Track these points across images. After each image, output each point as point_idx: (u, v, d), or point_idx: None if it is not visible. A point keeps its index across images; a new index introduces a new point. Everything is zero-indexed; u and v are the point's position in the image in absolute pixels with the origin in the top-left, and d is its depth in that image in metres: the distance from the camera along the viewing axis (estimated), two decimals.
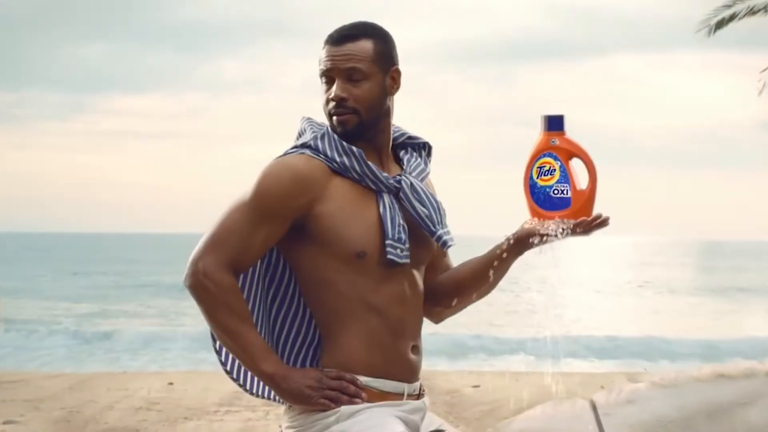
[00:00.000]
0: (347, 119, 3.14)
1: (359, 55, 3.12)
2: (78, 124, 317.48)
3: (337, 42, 3.13)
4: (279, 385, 3.09)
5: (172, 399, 14.43)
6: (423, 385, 3.27)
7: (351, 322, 3.15)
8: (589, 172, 3.17)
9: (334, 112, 3.14)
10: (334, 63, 3.12)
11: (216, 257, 3.05)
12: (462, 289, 3.39)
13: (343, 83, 3.12)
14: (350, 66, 3.11)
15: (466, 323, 32.78)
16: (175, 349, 29.21)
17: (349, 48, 3.12)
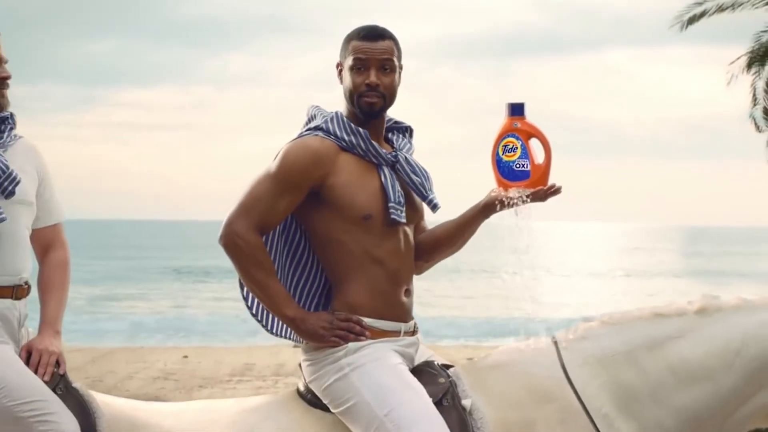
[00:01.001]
0: (376, 102, 3.66)
1: (389, 51, 3.66)
2: (89, 117, 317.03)
3: (373, 39, 3.65)
4: (298, 326, 3.62)
5: (187, 370, 14.94)
6: (416, 324, 3.81)
7: (357, 273, 3.67)
8: (545, 149, 3.71)
9: (366, 94, 3.65)
10: (370, 54, 3.64)
11: (246, 221, 3.57)
12: (438, 246, 3.92)
13: (376, 72, 3.64)
14: (385, 57, 3.65)
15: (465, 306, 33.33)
16: (185, 327, 29.73)
17: (383, 44, 3.65)
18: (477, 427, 3.63)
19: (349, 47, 3.67)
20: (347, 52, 3.68)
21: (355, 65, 3.65)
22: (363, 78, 3.63)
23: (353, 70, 3.65)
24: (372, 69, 3.64)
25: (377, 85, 3.64)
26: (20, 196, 3.67)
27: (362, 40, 3.65)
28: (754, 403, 3.77)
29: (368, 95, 3.65)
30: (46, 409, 3.52)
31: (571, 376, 3.74)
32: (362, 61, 3.64)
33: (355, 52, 3.65)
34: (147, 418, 3.72)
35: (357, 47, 3.65)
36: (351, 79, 3.66)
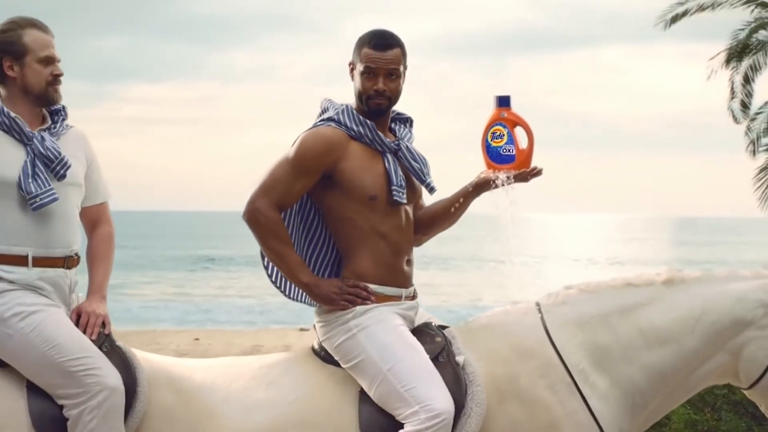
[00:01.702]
0: (382, 103, 4.00)
1: (396, 60, 3.99)
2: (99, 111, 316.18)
3: (382, 48, 3.97)
4: (312, 291, 3.97)
5: (199, 351, 15.23)
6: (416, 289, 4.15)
7: (364, 246, 4.01)
8: (528, 136, 4.07)
9: (373, 97, 3.98)
10: (379, 64, 3.96)
11: (267, 200, 3.93)
12: (434, 222, 4.27)
13: (384, 79, 3.97)
14: (391, 68, 3.98)
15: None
16: (192, 312, 29.87)
17: (391, 54, 3.98)
18: (469, 381, 3.92)
19: (361, 54, 3.97)
20: (359, 57, 3.99)
21: (366, 72, 3.96)
22: (372, 84, 3.96)
23: (364, 75, 3.97)
24: (380, 76, 3.96)
25: (384, 91, 3.97)
26: (71, 178, 3.95)
27: (373, 49, 3.96)
28: (712, 363, 4.09)
29: (376, 99, 3.98)
30: (92, 364, 3.80)
31: (552, 336, 4.04)
32: (372, 69, 3.96)
33: (366, 61, 3.96)
34: (181, 371, 4.02)
35: (368, 56, 3.96)
36: (361, 83, 3.98)
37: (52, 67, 3.97)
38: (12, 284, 3.86)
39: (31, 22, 4.02)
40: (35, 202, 3.85)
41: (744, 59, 12.16)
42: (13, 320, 3.82)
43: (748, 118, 12.60)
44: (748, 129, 12.66)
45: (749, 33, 12.00)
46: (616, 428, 4.01)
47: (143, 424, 3.90)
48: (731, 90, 12.36)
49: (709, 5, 12.03)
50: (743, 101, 12.41)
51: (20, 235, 3.90)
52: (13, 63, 3.94)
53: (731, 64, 12.18)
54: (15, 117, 3.90)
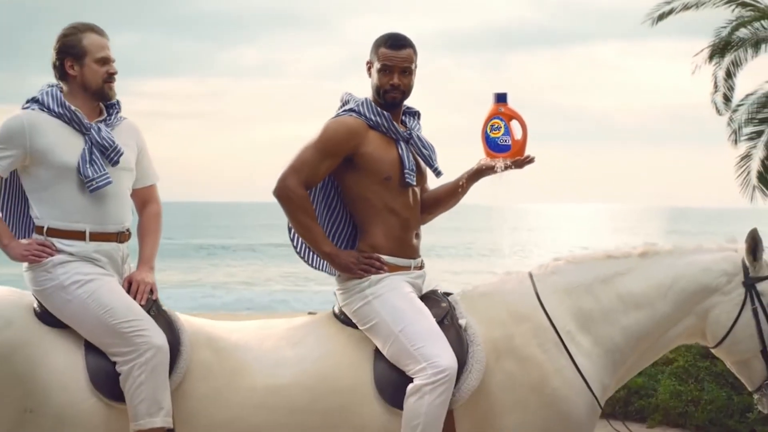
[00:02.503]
0: (396, 97, 4.28)
1: (409, 59, 4.28)
2: None
3: (397, 48, 4.25)
4: (333, 260, 4.27)
5: None
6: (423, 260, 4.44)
7: (378, 221, 4.30)
8: (522, 129, 4.34)
9: (390, 91, 4.27)
10: (394, 62, 4.25)
11: (295, 179, 4.21)
12: (438, 203, 4.54)
13: (398, 75, 4.26)
14: (405, 65, 4.27)
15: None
16: (204, 298, 29.89)
17: (404, 53, 4.27)
18: (470, 341, 4.18)
19: (379, 53, 4.26)
20: (377, 56, 4.28)
21: (383, 69, 4.25)
22: (388, 79, 4.25)
23: (381, 72, 4.26)
24: (395, 73, 4.25)
25: (399, 85, 4.27)
26: (123, 164, 4.23)
27: (389, 49, 4.25)
28: (682, 325, 4.38)
29: (392, 93, 4.28)
30: (141, 326, 4.07)
31: (543, 302, 4.31)
32: (388, 67, 4.25)
33: (383, 59, 4.25)
34: (219, 332, 4.28)
35: (384, 54, 4.25)
36: (379, 78, 4.26)
37: (107, 67, 4.22)
38: (71, 256, 4.11)
39: (90, 27, 4.27)
40: (92, 185, 4.11)
41: (726, 55, 12.30)
42: (73, 287, 4.07)
43: (730, 110, 12.78)
44: (730, 120, 12.79)
45: (731, 31, 12.15)
46: (598, 382, 4.26)
47: (185, 378, 4.12)
48: (714, 84, 12.52)
49: (693, 4, 12.16)
50: (725, 94, 12.56)
51: (79, 213, 4.15)
52: (73, 63, 4.20)
53: (714, 60, 12.33)
54: (75, 110, 4.16)
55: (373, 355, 4.23)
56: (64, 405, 4.05)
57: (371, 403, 4.16)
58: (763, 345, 4.31)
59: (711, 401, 8.98)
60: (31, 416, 4.04)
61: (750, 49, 12.32)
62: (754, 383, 4.40)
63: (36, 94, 4.25)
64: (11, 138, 4.12)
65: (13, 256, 4.16)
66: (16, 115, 4.19)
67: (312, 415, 4.13)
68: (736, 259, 4.38)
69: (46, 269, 4.12)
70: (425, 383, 4.04)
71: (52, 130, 4.16)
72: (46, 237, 4.16)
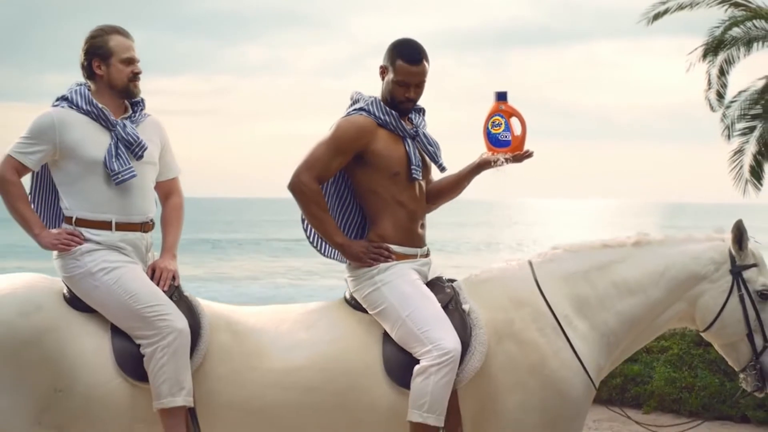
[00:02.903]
0: (410, 107, 4.43)
1: (424, 73, 4.42)
2: None
3: (414, 63, 4.39)
4: (344, 250, 4.42)
5: None
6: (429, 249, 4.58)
7: (387, 213, 4.44)
8: (521, 125, 4.48)
9: (404, 102, 4.41)
10: (411, 79, 4.41)
11: (309, 174, 4.35)
12: (442, 194, 4.68)
13: (414, 88, 4.40)
14: (419, 80, 4.41)
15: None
16: (208, 292, 29.92)
17: (420, 68, 4.40)
18: (473, 325, 4.32)
19: (396, 66, 4.37)
20: (393, 68, 4.39)
21: (399, 83, 4.39)
22: (404, 92, 4.39)
23: (396, 84, 4.39)
24: (411, 87, 4.40)
25: (413, 99, 4.44)
26: (147, 158, 4.36)
27: (407, 64, 4.37)
28: (672, 310, 4.54)
29: (406, 104, 4.43)
30: (164, 310, 4.19)
31: (541, 288, 4.45)
32: (405, 82, 4.38)
33: (401, 75, 4.38)
34: (237, 316, 4.42)
35: (402, 69, 4.37)
36: (394, 89, 4.40)
37: (132, 67, 4.36)
38: (98, 245, 4.25)
39: (115, 29, 4.40)
40: (117, 178, 4.25)
41: (719, 54, 12.39)
42: (100, 274, 4.21)
43: (723, 107, 12.86)
44: (723, 116, 12.85)
45: (724, 30, 12.21)
46: (594, 363, 4.40)
47: (206, 360, 4.25)
48: (708, 81, 12.55)
49: (687, 4, 12.19)
50: (719, 91, 12.60)
51: (105, 204, 4.29)
52: (100, 63, 4.35)
53: (708, 58, 12.40)
54: (102, 107, 4.30)
55: (381, 338, 4.36)
56: (92, 385, 4.17)
57: (380, 383, 4.29)
58: (749, 329, 4.47)
59: (704, 387, 9.15)
60: (61, 396, 4.16)
61: (742, 48, 12.42)
62: (741, 364, 4.56)
63: (65, 92, 4.38)
64: (42, 134, 4.26)
65: (43, 244, 4.29)
66: (46, 112, 4.33)
67: (325, 395, 4.25)
68: (723, 249, 4.54)
69: (74, 257, 4.25)
70: (431, 364, 4.17)
71: (80, 127, 4.29)
72: (74, 227, 4.30)
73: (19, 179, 4.33)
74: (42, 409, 4.18)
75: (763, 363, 4.48)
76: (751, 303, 4.48)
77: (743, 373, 4.56)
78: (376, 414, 4.30)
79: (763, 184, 12.93)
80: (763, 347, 4.48)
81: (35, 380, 4.15)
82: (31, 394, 4.15)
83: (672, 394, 9.24)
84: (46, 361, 4.15)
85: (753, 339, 4.49)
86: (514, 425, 4.32)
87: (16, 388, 4.13)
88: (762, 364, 4.48)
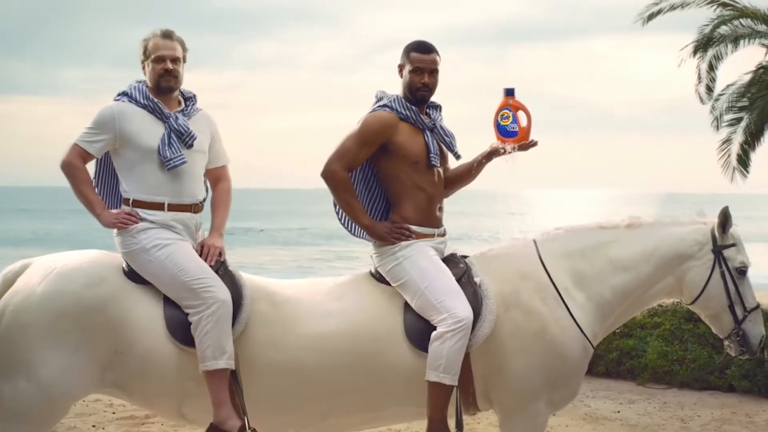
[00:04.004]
0: (426, 94, 4.66)
1: (435, 62, 4.65)
2: None
3: (426, 52, 4.65)
4: (370, 230, 4.67)
5: None
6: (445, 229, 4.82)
7: (408, 197, 4.69)
8: (527, 118, 4.72)
9: (421, 89, 4.63)
10: (425, 65, 4.65)
11: (339, 163, 4.60)
12: (457, 180, 4.91)
13: (428, 75, 4.64)
14: (434, 68, 4.64)
15: None
16: None
17: (432, 57, 4.66)
18: (484, 296, 4.54)
19: (410, 57, 4.63)
20: (408, 60, 4.64)
21: (414, 70, 4.63)
22: (419, 79, 4.63)
23: (413, 72, 4.64)
24: (425, 73, 4.63)
25: (428, 84, 4.66)
26: (196, 147, 4.59)
27: (419, 53, 4.63)
28: (661, 284, 4.81)
29: (422, 90, 4.66)
30: (209, 283, 4.38)
31: (545, 263, 4.69)
32: (419, 69, 4.63)
33: (415, 63, 4.63)
34: (275, 288, 4.63)
35: (416, 58, 4.63)
36: (411, 78, 4.64)
37: (162, 64, 4.54)
38: (152, 224, 4.47)
39: (156, 32, 4.62)
40: (170, 164, 4.48)
41: (708, 50, 12.57)
42: (153, 250, 4.43)
43: (713, 99, 13.02)
44: (712, 108, 12.97)
45: (713, 28, 12.39)
46: (590, 329, 4.66)
47: (247, 327, 4.44)
48: (698, 76, 12.70)
49: (679, 5, 12.34)
50: (708, 85, 12.70)
51: (159, 188, 4.51)
52: (144, 64, 4.62)
53: (698, 54, 12.59)
54: (157, 101, 4.54)
55: (403, 307, 4.58)
56: (147, 348, 4.39)
57: (401, 347, 4.51)
58: (730, 301, 4.76)
59: (694, 360, 9.39)
60: (121, 357, 4.40)
61: (730, 45, 12.56)
62: (724, 332, 4.85)
63: (125, 88, 4.62)
64: (104, 124, 4.50)
65: (104, 223, 4.53)
66: (108, 105, 4.56)
67: (352, 357, 4.47)
68: (705, 231, 4.82)
69: (131, 234, 4.48)
70: (446, 330, 4.40)
71: (137, 118, 4.52)
72: (132, 207, 4.52)
73: (84, 165, 4.54)
74: (105, 368, 4.41)
75: (745, 330, 4.76)
76: (731, 278, 4.75)
77: (728, 340, 4.84)
78: (398, 374, 4.51)
79: (749, 172, 13.12)
80: (743, 317, 4.76)
81: (99, 343, 4.37)
82: (96, 356, 4.37)
83: (664, 367, 9.47)
84: (108, 326, 4.37)
85: (734, 310, 4.76)
86: (519, 383, 4.55)
87: (83, 350, 4.35)
88: (743, 331, 4.76)
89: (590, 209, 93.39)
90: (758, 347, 4.83)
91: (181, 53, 4.63)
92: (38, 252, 5.34)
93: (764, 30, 12.48)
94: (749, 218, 67.77)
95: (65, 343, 4.34)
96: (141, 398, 4.58)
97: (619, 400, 8.98)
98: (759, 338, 4.80)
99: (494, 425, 7.22)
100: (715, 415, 8.45)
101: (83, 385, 4.42)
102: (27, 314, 4.36)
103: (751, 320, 4.79)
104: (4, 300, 4.45)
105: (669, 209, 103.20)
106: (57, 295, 4.38)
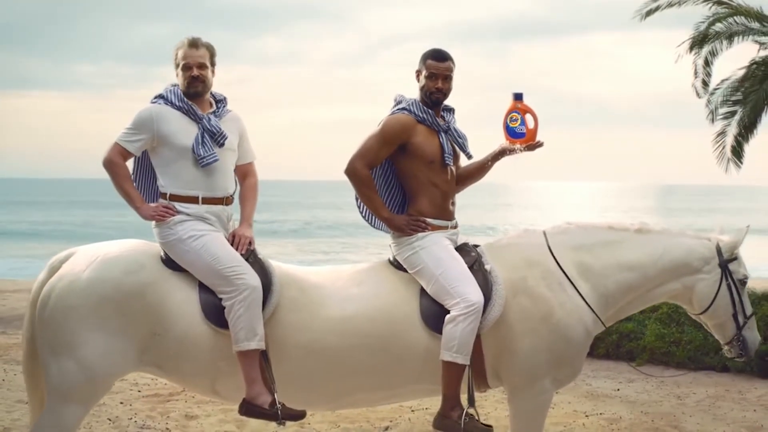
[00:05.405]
0: (440, 97, 4.82)
1: (449, 69, 4.81)
2: (145, 92, 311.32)
3: (441, 60, 4.82)
4: (389, 223, 4.82)
5: None
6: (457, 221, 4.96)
7: (423, 193, 4.84)
8: (534, 120, 4.86)
9: (435, 93, 4.79)
10: (439, 71, 4.82)
11: (362, 161, 4.76)
12: (468, 177, 5.06)
13: (442, 81, 4.80)
14: (448, 74, 4.80)
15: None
16: None
17: (446, 64, 4.84)
18: (493, 282, 4.67)
19: (427, 64, 4.79)
20: (425, 66, 4.80)
21: (430, 76, 4.79)
22: (434, 84, 4.79)
23: (428, 78, 4.80)
24: (440, 79, 4.79)
25: (442, 89, 4.82)
26: (227, 146, 4.73)
27: (435, 61, 4.79)
28: (666, 288, 4.95)
29: (436, 94, 4.82)
30: (240, 270, 4.51)
31: (553, 252, 4.80)
32: (434, 74, 4.79)
33: (431, 69, 4.79)
34: (302, 275, 4.76)
35: (431, 65, 4.79)
36: (426, 83, 4.80)
37: (189, 71, 4.69)
38: (188, 216, 4.61)
39: (184, 42, 4.76)
40: (203, 161, 4.62)
41: (704, 46, 12.69)
42: (189, 240, 4.57)
43: (708, 93, 13.11)
44: (708, 102, 13.08)
45: (708, 25, 12.53)
46: (591, 316, 4.78)
47: (276, 311, 4.57)
48: (694, 71, 12.84)
49: (675, 2, 12.50)
50: (704, 80, 12.77)
51: (193, 183, 4.65)
52: (177, 71, 4.76)
53: (694, 50, 12.73)
54: (191, 104, 4.70)
55: (419, 293, 4.71)
56: (184, 330, 4.53)
57: (417, 329, 4.63)
58: (734, 310, 4.94)
59: (690, 341, 9.53)
60: (158, 338, 4.54)
61: (725, 41, 12.66)
62: (726, 338, 5.06)
63: (161, 91, 4.77)
64: (142, 125, 4.66)
65: (144, 216, 4.68)
66: (146, 107, 4.72)
67: (373, 339, 4.60)
68: (710, 247, 4.98)
69: (168, 226, 4.62)
70: (459, 314, 4.54)
71: (173, 119, 4.67)
72: (168, 201, 4.67)
73: (124, 162, 4.70)
74: (143, 350, 4.54)
75: (745, 336, 4.98)
76: (736, 289, 4.94)
77: (728, 345, 5.05)
78: (415, 354, 4.64)
79: (743, 163, 13.24)
80: (743, 323, 4.96)
81: (138, 326, 4.50)
82: (135, 338, 4.51)
83: (662, 348, 9.61)
84: (147, 310, 4.50)
85: (737, 318, 4.95)
86: (526, 363, 4.68)
87: (124, 332, 4.49)
88: (744, 338, 4.97)
89: (591, 201, 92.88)
90: (754, 352, 5.06)
91: (208, 59, 4.76)
92: (55, 243, 5.46)
93: (757, 27, 12.56)
94: (743, 210, 67.27)
95: (107, 326, 4.46)
96: (177, 377, 4.71)
97: (618, 379, 9.10)
98: (756, 344, 5.03)
99: (500, 401, 7.38)
100: (709, 392, 8.58)
101: (123, 364, 4.55)
102: (71, 298, 4.50)
103: (749, 327, 4.99)
104: (50, 285, 4.60)
105: (666, 200, 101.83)
106: (99, 281, 4.50)
